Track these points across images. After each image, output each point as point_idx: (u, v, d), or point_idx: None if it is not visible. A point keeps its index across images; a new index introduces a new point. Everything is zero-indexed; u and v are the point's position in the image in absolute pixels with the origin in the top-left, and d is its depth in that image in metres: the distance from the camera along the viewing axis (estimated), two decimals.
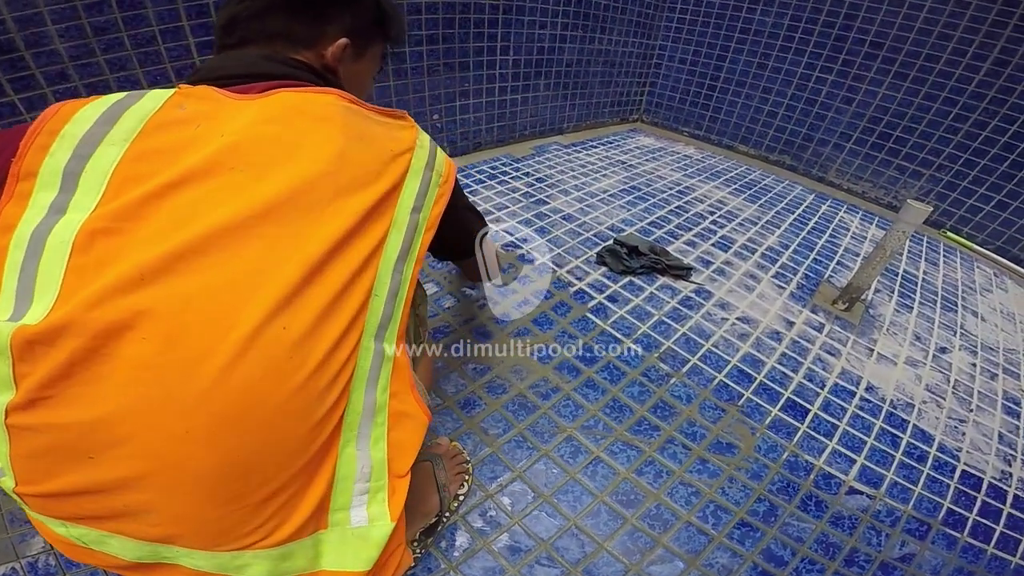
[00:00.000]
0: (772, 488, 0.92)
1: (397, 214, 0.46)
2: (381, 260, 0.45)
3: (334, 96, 0.48)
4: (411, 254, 0.48)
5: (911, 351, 1.34)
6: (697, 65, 2.65)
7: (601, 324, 1.24)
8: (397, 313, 0.47)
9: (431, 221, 0.51)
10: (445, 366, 1.06)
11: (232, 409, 0.36)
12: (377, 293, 0.45)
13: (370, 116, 0.49)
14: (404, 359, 0.49)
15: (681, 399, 1.07)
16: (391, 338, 0.47)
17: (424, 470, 0.80)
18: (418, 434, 0.51)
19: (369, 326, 0.44)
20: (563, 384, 1.06)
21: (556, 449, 0.93)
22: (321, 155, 0.43)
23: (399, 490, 0.48)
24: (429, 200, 0.50)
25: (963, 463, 1.04)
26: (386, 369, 0.47)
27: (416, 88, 1.73)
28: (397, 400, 0.48)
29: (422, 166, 0.50)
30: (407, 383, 0.49)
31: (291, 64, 0.53)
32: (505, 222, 1.61)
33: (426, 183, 0.50)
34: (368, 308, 0.44)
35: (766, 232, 1.83)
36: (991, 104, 1.86)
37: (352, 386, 0.43)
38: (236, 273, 0.38)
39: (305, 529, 0.42)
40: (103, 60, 1.12)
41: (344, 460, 0.44)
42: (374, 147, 0.46)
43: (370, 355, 0.45)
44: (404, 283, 0.48)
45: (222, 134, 0.41)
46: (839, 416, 1.09)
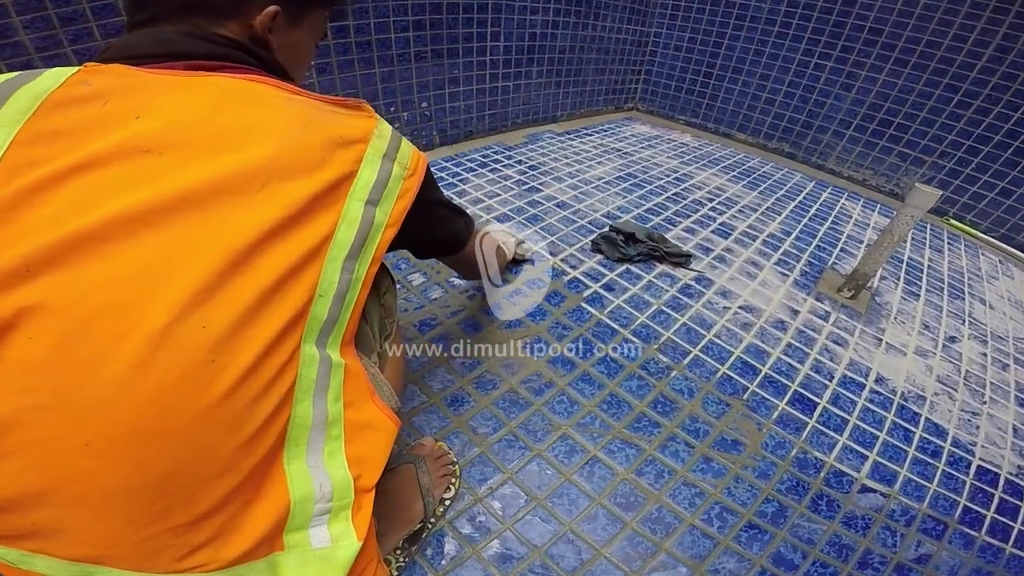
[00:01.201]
0: (781, 488, 0.86)
1: (348, 206, 0.42)
2: (327, 256, 0.40)
3: (274, 87, 0.44)
4: (365, 252, 0.43)
5: (920, 340, 1.27)
6: (693, 52, 2.58)
7: (597, 314, 1.16)
8: (344, 316, 0.42)
9: (394, 217, 0.46)
10: (431, 360, 0.98)
11: (139, 420, 0.31)
12: (322, 293, 0.39)
13: (317, 104, 0.45)
14: (357, 365, 0.45)
15: (683, 393, 0.99)
16: (335, 343, 0.42)
17: (406, 473, 0.75)
18: (383, 445, 0.46)
19: (311, 330, 0.39)
20: (557, 379, 0.99)
21: (550, 449, 0.86)
22: (257, 137, 0.38)
23: (365, 506, 0.44)
24: (390, 194, 0.46)
25: (978, 458, 0.99)
26: (336, 377, 0.42)
27: (403, 75, 1.65)
28: (353, 410, 0.43)
29: (379, 156, 0.45)
30: (364, 391, 0.45)
31: (214, 40, 0.46)
32: (496, 210, 1.53)
33: (385, 174, 0.45)
34: (311, 310, 0.38)
35: (767, 219, 1.76)
36: (994, 90, 1.80)
37: (295, 396, 0.38)
38: (144, 263, 0.33)
39: (255, 552, 0.37)
40: (71, 51, 1.05)
41: (295, 478, 0.39)
42: (320, 133, 0.41)
43: (316, 362, 0.39)
44: (355, 284, 0.43)
45: (138, 114, 0.37)
46: (849, 410, 1.02)
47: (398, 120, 1.72)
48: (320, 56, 1.41)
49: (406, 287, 1.16)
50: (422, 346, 1.01)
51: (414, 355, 0.99)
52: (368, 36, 1.49)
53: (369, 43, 1.50)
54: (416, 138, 1.83)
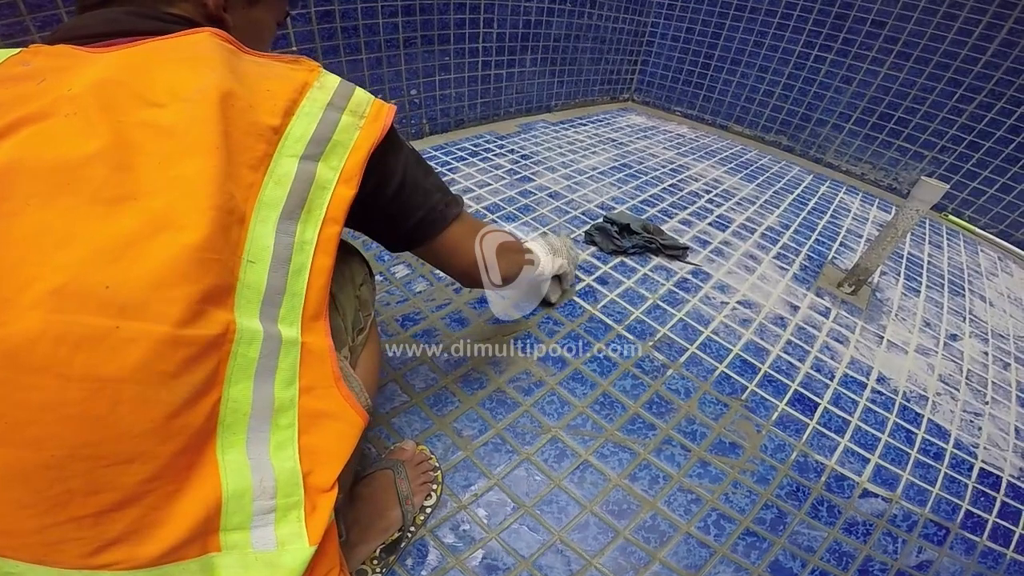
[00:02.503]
0: (780, 493, 0.81)
1: (276, 163, 0.38)
2: (252, 218, 0.36)
3: (206, 35, 0.41)
4: (308, 212, 0.39)
5: (921, 338, 1.22)
6: (690, 43, 2.51)
7: (590, 309, 1.10)
8: (296, 286, 0.38)
9: (347, 172, 0.42)
10: (413, 357, 0.92)
11: (28, 393, 0.28)
12: (253, 258, 0.35)
13: (250, 58, 0.42)
14: (323, 345, 0.40)
15: (679, 393, 0.94)
16: (291, 317, 0.38)
17: (382, 480, 0.70)
18: (347, 439, 0.41)
19: (245, 300, 0.35)
20: (547, 377, 0.93)
21: (539, 452, 0.80)
22: (184, 93, 0.36)
23: (321, 507, 0.39)
24: (338, 147, 0.42)
25: (981, 460, 0.95)
26: (289, 357, 0.37)
27: (391, 62, 1.57)
28: (312, 397, 0.39)
29: (320, 106, 0.41)
30: (329, 376, 0.40)
31: (164, 19, 0.45)
32: (487, 200, 1.46)
33: (329, 125, 0.41)
34: (240, 276, 0.34)
35: (765, 212, 1.71)
36: (997, 86, 1.76)
37: (228, 376, 0.34)
38: (42, 221, 0.30)
39: (184, 551, 0.32)
40: (38, 38, 0.99)
41: (231, 470, 0.34)
42: (248, 87, 0.38)
43: (257, 339, 0.35)
44: (302, 248, 0.39)
45: (69, 87, 0.35)
46: (850, 410, 0.98)
47: None
48: (304, 41, 1.34)
49: (388, 279, 1.10)
50: (404, 343, 0.95)
51: (395, 353, 0.92)
52: (355, 21, 1.42)
53: (356, 28, 1.43)
54: (405, 126, 1.75)
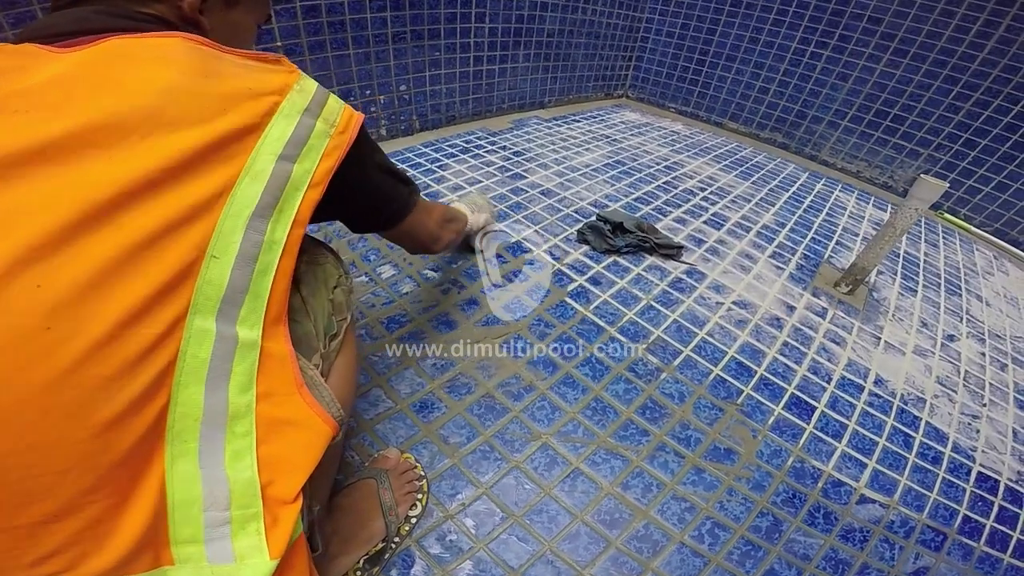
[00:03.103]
0: (776, 500, 0.79)
1: (254, 159, 0.37)
2: (225, 212, 0.35)
3: (179, 39, 0.39)
4: (280, 212, 0.39)
5: (919, 339, 1.21)
6: (685, 39, 2.48)
7: (582, 310, 1.07)
8: (260, 286, 0.37)
9: (318, 176, 0.42)
10: (398, 361, 0.89)
11: None
12: (217, 254, 0.34)
13: (229, 58, 0.41)
14: (284, 350, 0.39)
15: (673, 397, 0.91)
16: (252, 319, 0.37)
17: (365, 490, 0.68)
18: (311, 448, 0.40)
19: (204, 297, 0.33)
20: (537, 382, 0.90)
21: (529, 460, 0.77)
22: (140, 89, 0.34)
23: (284, 519, 0.37)
24: (312, 152, 0.42)
25: (979, 464, 0.94)
26: (245, 361, 0.36)
27: (380, 57, 1.53)
28: (271, 403, 0.37)
29: (298, 110, 0.41)
30: (290, 382, 0.39)
31: (136, 17, 0.43)
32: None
33: (305, 130, 0.41)
34: (199, 273, 0.33)
35: (760, 210, 1.69)
36: (994, 83, 1.74)
37: (178, 380, 0.32)
38: None
39: (133, 564, 0.32)
40: (11, 35, 0.95)
41: (178, 479, 0.33)
42: (224, 84, 0.38)
43: (209, 339, 0.33)
44: (270, 247, 0.38)
45: (22, 84, 0.34)
46: (848, 414, 0.95)
47: (374, 104, 1.61)
48: (289, 36, 1.29)
49: (374, 280, 1.06)
50: (390, 346, 0.91)
51: (380, 356, 0.89)
52: (342, 16, 1.37)
53: (342, 23, 1.39)
54: (394, 123, 1.71)
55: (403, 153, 1.64)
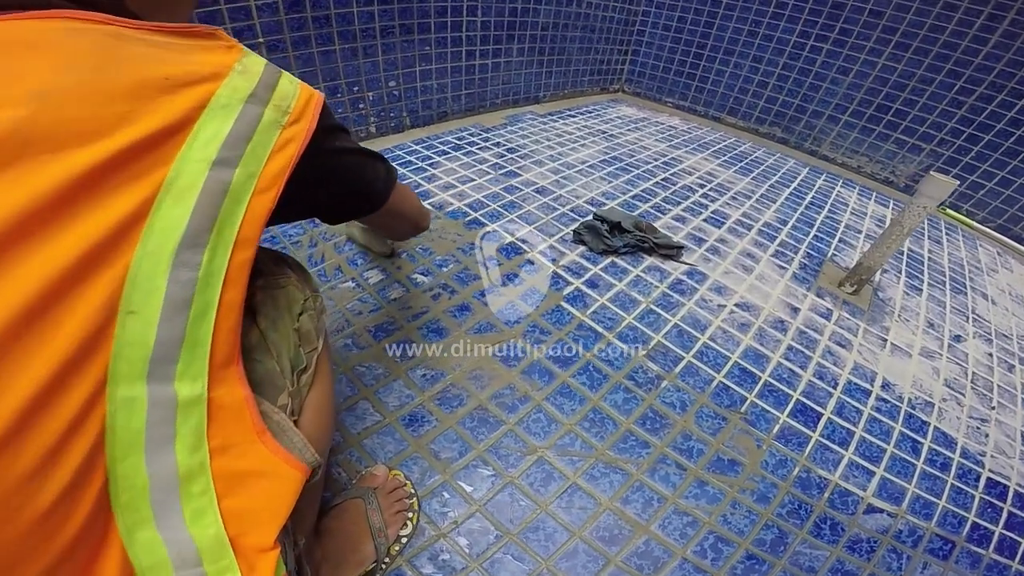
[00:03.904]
0: (781, 512, 0.77)
1: (178, 172, 0.30)
2: (138, 252, 0.28)
3: (60, 20, 0.29)
4: (218, 234, 0.31)
5: (925, 340, 1.18)
6: (683, 32, 2.45)
7: (579, 315, 1.04)
8: (200, 333, 0.31)
9: (268, 179, 0.34)
10: (386, 372, 0.85)
11: None
12: (135, 308, 0.27)
13: (139, 36, 0.31)
14: (238, 396, 0.34)
15: (674, 407, 0.88)
16: (193, 371, 0.31)
17: (352, 511, 0.66)
18: (282, 497, 0.36)
19: (126, 362, 0.27)
20: (533, 392, 0.87)
21: (524, 475, 0.74)
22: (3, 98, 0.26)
23: (262, 567, 0.35)
24: (259, 148, 0.34)
25: (988, 469, 0.92)
26: (190, 420, 0.31)
27: (368, 52, 1.49)
28: (229, 456, 0.33)
29: (240, 98, 0.33)
30: (249, 431, 0.34)
31: None
32: (470, 196, 1.39)
33: (249, 123, 0.34)
34: (113, 336, 0.27)
35: (761, 207, 1.66)
36: (998, 77, 1.72)
37: (112, 454, 0.28)
38: None
39: None
40: None
41: (140, 547, 0.30)
42: (128, 74, 0.29)
43: (140, 407, 0.28)
44: (208, 282, 0.31)
45: None
46: (855, 420, 0.93)
47: (363, 101, 1.56)
48: (272, 32, 1.25)
49: (361, 286, 1.02)
50: (376, 357, 0.88)
51: (367, 367, 0.86)
52: (327, 10, 1.33)
53: (328, 17, 1.34)
54: (384, 120, 1.67)
55: (393, 151, 1.60)
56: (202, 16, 1.11)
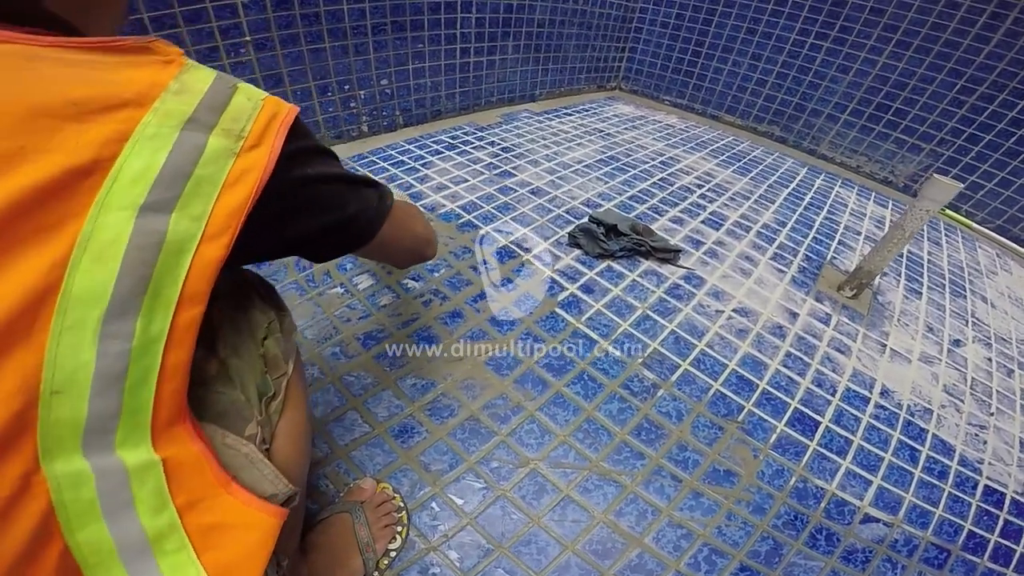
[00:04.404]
0: (777, 523, 0.76)
1: (94, 224, 0.25)
2: (53, 327, 0.24)
3: None
4: (153, 296, 0.27)
5: (925, 345, 1.18)
6: (680, 29, 2.43)
7: (573, 322, 1.03)
8: (139, 401, 0.27)
9: (220, 221, 0.29)
10: (375, 382, 0.84)
11: None
12: (57, 388, 0.24)
13: (56, 55, 0.26)
14: (192, 451, 0.31)
15: (670, 416, 0.88)
16: (135, 439, 0.28)
17: (339, 526, 0.65)
18: (259, 542, 0.34)
19: (53, 441, 0.24)
20: (526, 402, 0.86)
21: (516, 488, 0.73)
22: None
23: None
24: (205, 185, 0.29)
25: (985, 477, 0.92)
26: (147, 483, 0.28)
27: (359, 50, 1.47)
28: (198, 512, 0.31)
29: (175, 124, 0.28)
30: (212, 484, 0.32)
31: None
32: (463, 198, 1.37)
33: (188, 154, 0.28)
34: (37, 419, 0.23)
35: (759, 208, 1.65)
36: (1000, 77, 1.71)
37: (67, 526, 0.26)
38: None
39: None
40: None
41: None
42: (21, 103, 0.24)
43: (86, 479, 0.26)
44: (146, 350, 0.27)
45: None
46: (853, 429, 0.92)
47: (354, 100, 1.54)
48: (259, 30, 1.23)
49: (351, 292, 1.01)
50: (365, 366, 0.87)
51: (356, 376, 0.85)
52: (316, 7, 1.31)
53: (317, 15, 1.32)
54: (376, 119, 1.65)
55: (385, 150, 1.58)
56: (187, 14, 1.09)
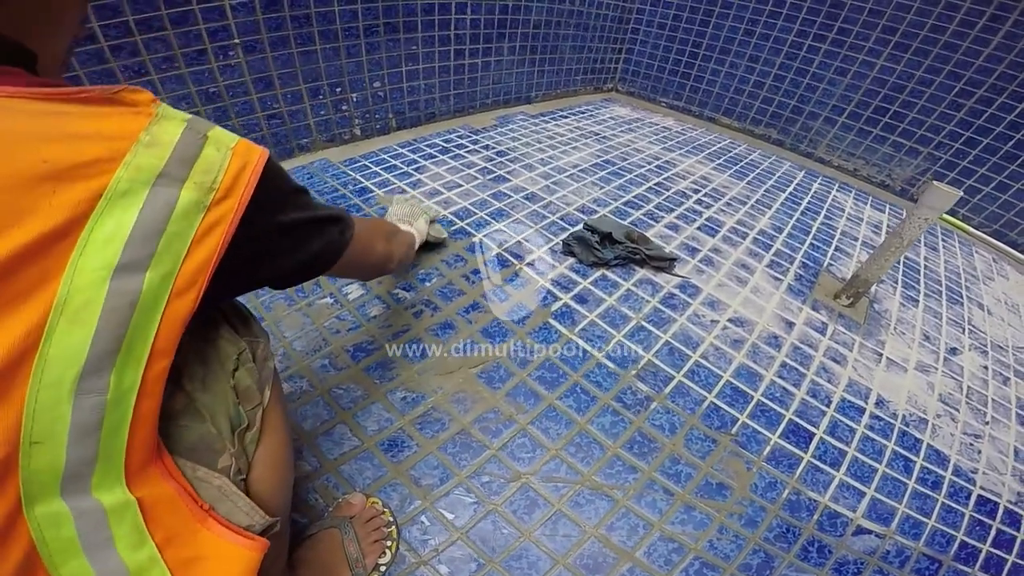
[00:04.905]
0: (769, 535, 0.77)
1: (69, 288, 0.25)
2: (31, 385, 0.25)
3: None
4: (128, 352, 0.28)
5: (921, 354, 1.18)
6: (678, 30, 2.44)
7: (567, 333, 1.03)
8: (113, 448, 0.29)
9: (188, 277, 0.30)
10: (365, 395, 0.84)
11: None
12: (37, 439, 0.25)
13: (19, 107, 0.26)
14: (165, 490, 0.33)
15: (663, 429, 0.88)
16: (108, 482, 0.29)
17: (328, 541, 0.65)
18: (242, 572, 0.35)
19: (35, 487, 0.26)
20: (518, 416, 0.86)
21: (508, 503, 0.74)
22: None
23: None
24: (176, 241, 0.29)
25: (979, 487, 0.93)
26: (124, 521, 0.30)
27: (350, 52, 1.46)
28: (176, 546, 0.32)
29: (146, 180, 0.28)
30: (188, 520, 0.34)
31: None
32: (456, 204, 1.37)
33: (160, 210, 0.28)
34: (18, 466, 0.25)
35: (756, 213, 1.65)
36: (999, 80, 1.72)
37: (50, 562, 0.27)
38: None
39: None
40: None
41: None
42: None
43: (65, 519, 0.27)
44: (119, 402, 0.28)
45: None
46: (847, 440, 0.93)
47: (346, 102, 1.54)
48: (248, 33, 1.22)
49: (340, 302, 1.01)
50: (355, 377, 0.87)
51: (345, 389, 0.84)
52: (306, 8, 1.30)
53: (308, 16, 1.32)
54: (369, 121, 1.65)
55: (378, 154, 1.58)
56: (174, 17, 1.08)
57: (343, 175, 1.44)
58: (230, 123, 1.30)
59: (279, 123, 1.41)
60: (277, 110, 1.38)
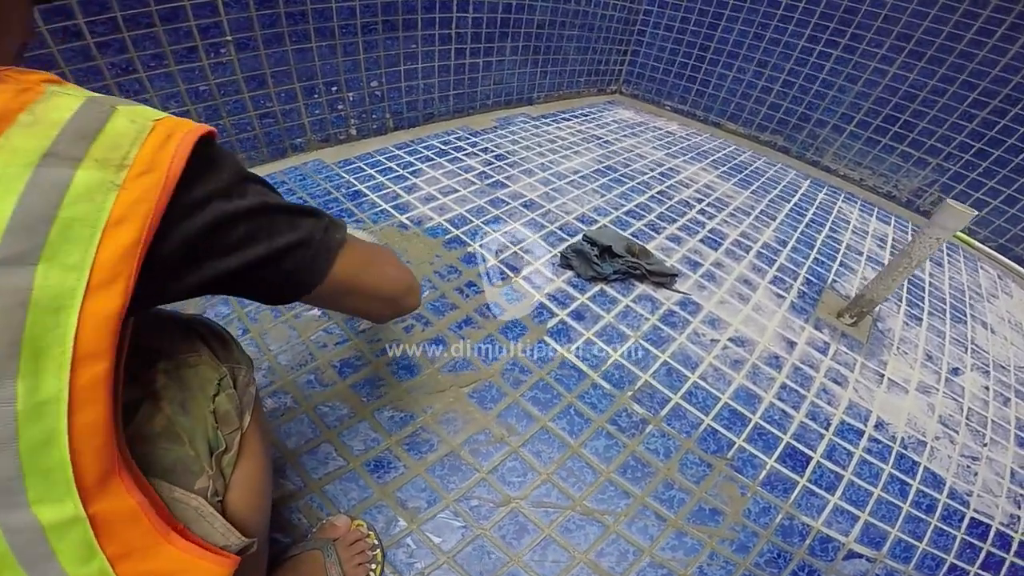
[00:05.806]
0: (759, 561, 0.77)
1: None
2: None
3: None
4: (35, 359, 0.25)
5: (923, 374, 1.19)
6: (685, 33, 2.43)
7: (562, 352, 1.03)
8: (48, 461, 0.26)
9: (108, 267, 0.26)
10: (351, 413, 0.84)
11: None
12: None
13: None
14: (127, 505, 0.31)
15: (658, 453, 0.88)
16: (56, 494, 0.27)
17: (310, 563, 0.65)
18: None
19: None
20: (509, 437, 0.85)
21: (496, 528, 0.73)
22: None
23: None
24: (78, 227, 0.26)
25: (972, 509, 0.94)
26: (68, 538, 0.28)
27: (347, 50, 1.45)
28: (135, 560, 0.32)
29: (27, 162, 0.25)
30: (151, 533, 0.33)
31: None
32: (451, 210, 1.37)
33: (48, 194, 0.25)
34: None
35: (760, 225, 1.65)
36: (1015, 90, 1.71)
37: None
38: None
39: None
40: None
41: None
42: None
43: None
44: (38, 414, 0.25)
45: None
46: (844, 463, 0.93)
47: (342, 102, 1.53)
48: (240, 29, 1.21)
49: (328, 315, 1.00)
50: (342, 395, 0.86)
51: (331, 407, 0.84)
52: (302, 5, 1.29)
53: (303, 14, 1.31)
54: (365, 121, 1.64)
55: (373, 156, 1.57)
56: (163, 13, 1.07)
57: (336, 177, 1.43)
58: (221, 122, 1.29)
59: (272, 122, 1.40)
60: (270, 109, 1.37)
